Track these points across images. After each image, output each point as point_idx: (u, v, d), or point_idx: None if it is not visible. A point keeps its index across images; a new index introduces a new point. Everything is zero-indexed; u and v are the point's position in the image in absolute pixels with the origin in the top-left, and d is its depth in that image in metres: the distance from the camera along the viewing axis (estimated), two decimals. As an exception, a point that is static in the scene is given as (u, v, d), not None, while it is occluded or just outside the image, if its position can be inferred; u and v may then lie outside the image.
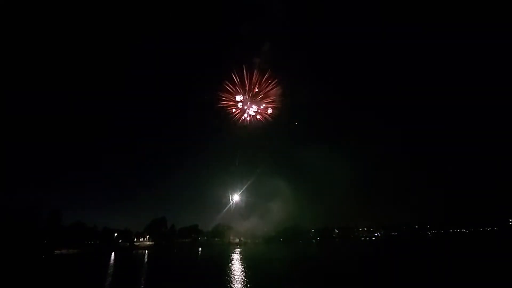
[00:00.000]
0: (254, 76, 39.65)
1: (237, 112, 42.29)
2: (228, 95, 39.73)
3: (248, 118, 42.14)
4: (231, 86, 39.57)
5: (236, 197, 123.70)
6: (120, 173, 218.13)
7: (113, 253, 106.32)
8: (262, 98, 41.66)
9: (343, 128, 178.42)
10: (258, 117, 42.55)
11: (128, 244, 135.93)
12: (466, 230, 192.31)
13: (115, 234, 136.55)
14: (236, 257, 75.91)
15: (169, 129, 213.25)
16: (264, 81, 40.90)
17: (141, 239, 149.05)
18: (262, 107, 42.03)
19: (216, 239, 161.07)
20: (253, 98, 41.29)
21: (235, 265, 55.91)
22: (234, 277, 39.87)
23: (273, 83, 42.27)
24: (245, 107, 39.82)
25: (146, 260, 77.47)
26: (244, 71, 38.64)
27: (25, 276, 48.93)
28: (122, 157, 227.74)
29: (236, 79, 39.42)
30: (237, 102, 40.63)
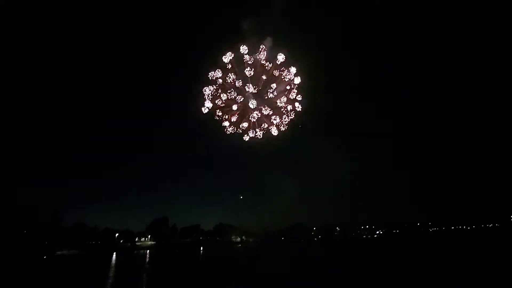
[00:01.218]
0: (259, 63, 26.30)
1: (233, 115, 26.72)
2: (223, 92, 26.78)
3: (253, 129, 26.47)
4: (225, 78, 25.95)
5: (238, 196, 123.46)
6: (121, 174, 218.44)
7: (114, 253, 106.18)
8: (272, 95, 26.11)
9: (350, 126, 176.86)
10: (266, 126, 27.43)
11: (129, 244, 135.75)
12: (467, 227, 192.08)
13: (117, 235, 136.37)
14: (236, 256, 75.68)
15: (170, 129, 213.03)
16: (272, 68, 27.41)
17: (143, 239, 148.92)
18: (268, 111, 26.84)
19: (217, 238, 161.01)
20: (259, 94, 26.94)
21: (235, 264, 55.65)
22: (234, 276, 39.57)
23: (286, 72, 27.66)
24: (250, 109, 26.49)
25: (147, 260, 77.22)
26: (246, 57, 27.20)
27: (27, 276, 48.65)
28: (124, 158, 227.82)
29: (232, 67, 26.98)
30: (235, 101, 25.94)
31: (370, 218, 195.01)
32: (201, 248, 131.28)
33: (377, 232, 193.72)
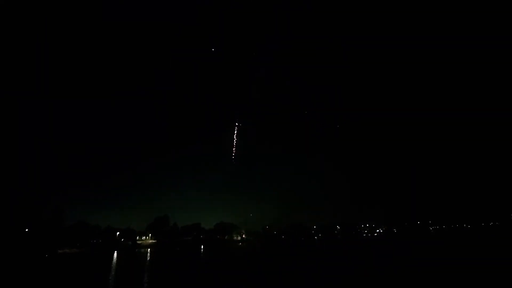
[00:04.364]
0: None
1: None
2: None
3: None
4: None
5: (239, 193, 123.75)
6: (122, 172, 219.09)
7: (116, 251, 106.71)
8: None
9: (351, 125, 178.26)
10: None
11: (130, 242, 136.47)
12: (468, 225, 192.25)
13: (118, 233, 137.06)
14: (237, 254, 75.98)
15: (172, 128, 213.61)
16: None
17: (144, 238, 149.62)
18: None
19: (218, 236, 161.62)
20: None
21: (237, 263, 55.96)
22: (236, 275, 39.86)
23: None
24: None
25: (148, 258, 77.63)
26: None
27: (30, 275, 49.08)
28: (125, 156, 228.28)
29: None
30: None
31: (370, 217, 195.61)
32: (202, 246, 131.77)
33: (377, 230, 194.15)
